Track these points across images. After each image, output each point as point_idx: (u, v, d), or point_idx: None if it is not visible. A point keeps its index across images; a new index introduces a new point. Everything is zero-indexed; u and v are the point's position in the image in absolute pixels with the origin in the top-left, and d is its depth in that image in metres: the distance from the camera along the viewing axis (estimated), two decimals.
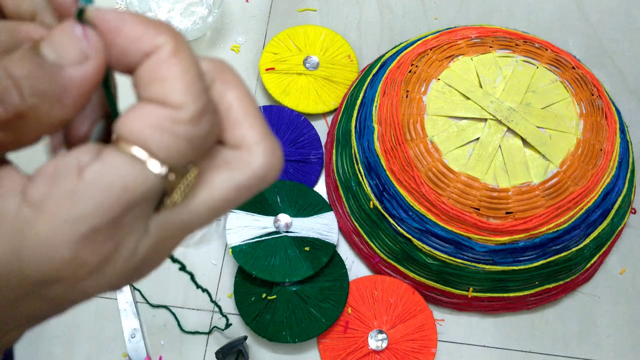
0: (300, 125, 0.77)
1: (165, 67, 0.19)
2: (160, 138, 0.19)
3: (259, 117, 0.21)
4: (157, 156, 0.19)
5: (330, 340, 0.66)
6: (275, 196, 0.70)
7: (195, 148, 0.20)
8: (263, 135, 0.21)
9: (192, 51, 0.20)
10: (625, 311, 0.70)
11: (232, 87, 0.21)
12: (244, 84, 0.22)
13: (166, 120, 0.19)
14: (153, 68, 0.19)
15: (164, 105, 0.19)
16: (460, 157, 0.61)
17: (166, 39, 0.19)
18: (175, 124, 0.19)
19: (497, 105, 0.63)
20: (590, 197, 0.62)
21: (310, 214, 0.70)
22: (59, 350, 0.68)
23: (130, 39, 0.19)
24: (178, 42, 0.19)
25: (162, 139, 0.19)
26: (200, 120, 0.19)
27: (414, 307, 0.67)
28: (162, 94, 0.19)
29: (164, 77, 0.19)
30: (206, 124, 0.19)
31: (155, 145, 0.19)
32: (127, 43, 0.19)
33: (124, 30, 0.19)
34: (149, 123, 0.19)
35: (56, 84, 0.18)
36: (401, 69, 0.68)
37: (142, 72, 0.19)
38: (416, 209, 0.62)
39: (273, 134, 0.21)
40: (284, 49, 0.81)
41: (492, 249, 0.61)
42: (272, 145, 0.21)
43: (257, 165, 0.21)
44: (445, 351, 0.67)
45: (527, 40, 0.69)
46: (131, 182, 0.19)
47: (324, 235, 0.68)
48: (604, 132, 0.64)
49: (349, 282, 0.68)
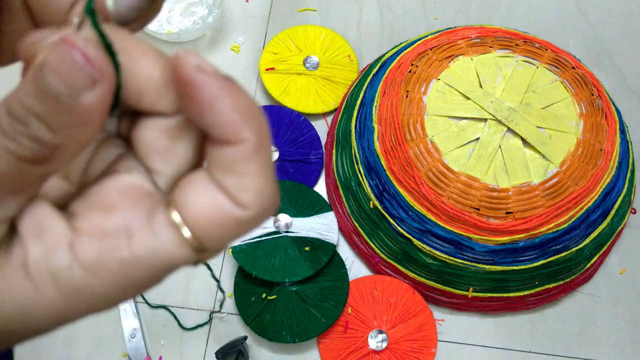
0: (300, 125, 0.77)
1: (245, 164, 0.19)
2: (219, 234, 0.19)
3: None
4: (208, 247, 0.20)
5: (330, 340, 0.66)
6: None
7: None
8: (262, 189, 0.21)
9: (270, 147, 0.20)
10: (625, 311, 0.70)
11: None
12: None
13: (231, 221, 0.19)
14: (233, 159, 0.19)
15: (234, 202, 0.19)
16: (460, 157, 0.61)
17: (252, 135, 0.19)
18: (238, 225, 0.19)
19: (497, 105, 0.63)
20: (590, 197, 0.62)
21: (310, 213, 0.70)
22: (59, 351, 0.68)
23: (219, 120, 0.19)
24: (263, 139, 0.19)
25: (220, 236, 0.19)
26: (259, 222, 0.20)
27: (414, 307, 0.67)
28: (235, 189, 0.19)
29: (241, 173, 0.19)
30: (261, 222, 0.20)
31: (210, 239, 0.19)
32: (214, 122, 0.19)
33: (216, 109, 0.18)
34: (215, 219, 0.19)
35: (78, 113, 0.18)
36: (401, 69, 0.68)
37: (221, 156, 0.19)
38: (416, 209, 0.62)
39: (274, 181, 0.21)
40: (284, 49, 0.81)
41: (492, 249, 0.61)
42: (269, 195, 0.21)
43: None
44: (445, 351, 0.67)
45: (527, 40, 0.69)
46: (177, 260, 0.19)
47: (324, 235, 0.68)
48: (604, 132, 0.64)
49: (349, 282, 0.68)
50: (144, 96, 0.20)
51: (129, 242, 0.19)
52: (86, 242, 0.19)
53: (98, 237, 0.19)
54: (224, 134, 0.19)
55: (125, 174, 0.21)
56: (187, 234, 0.19)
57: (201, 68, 0.18)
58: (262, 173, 0.19)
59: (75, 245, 0.19)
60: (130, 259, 0.19)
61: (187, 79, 0.18)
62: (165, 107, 0.21)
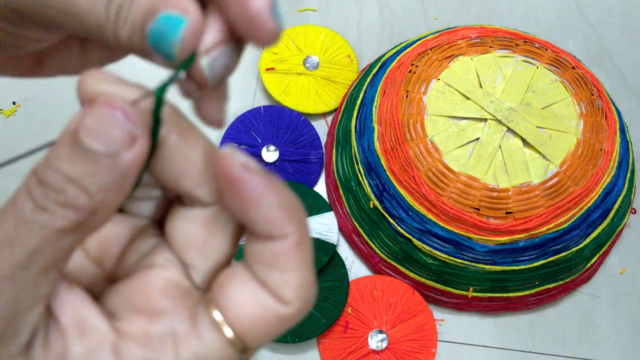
0: (300, 125, 0.77)
1: (287, 259, 0.19)
2: (263, 333, 0.19)
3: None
4: (250, 346, 0.20)
5: (330, 340, 0.66)
6: None
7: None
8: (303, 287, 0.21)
9: (311, 240, 0.20)
10: (625, 311, 0.70)
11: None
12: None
13: (275, 318, 0.19)
14: (275, 255, 0.19)
15: (278, 299, 0.19)
16: (460, 157, 0.61)
17: (294, 230, 0.19)
18: (282, 322, 0.20)
19: (497, 105, 0.63)
20: (590, 197, 0.62)
21: (310, 214, 0.70)
22: None
23: (264, 216, 0.19)
24: (303, 233, 0.20)
25: (264, 334, 0.19)
26: (301, 316, 0.20)
27: (414, 307, 0.67)
28: (278, 285, 0.19)
29: (283, 268, 0.19)
30: (303, 317, 0.20)
31: (254, 338, 0.19)
32: (259, 217, 0.19)
33: (262, 205, 0.19)
34: (260, 318, 0.19)
35: (116, 173, 0.18)
36: (401, 69, 0.68)
37: (264, 251, 0.19)
38: (416, 209, 0.62)
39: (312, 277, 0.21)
40: (283, 49, 0.81)
41: (492, 249, 0.61)
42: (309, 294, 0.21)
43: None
44: (445, 351, 0.67)
45: (527, 40, 0.69)
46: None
47: (324, 236, 0.68)
48: (604, 132, 0.64)
49: (349, 282, 0.68)
50: (185, 178, 0.21)
51: (175, 347, 0.19)
52: (132, 348, 0.19)
53: (144, 344, 0.19)
54: (268, 230, 0.19)
55: (162, 269, 0.21)
56: (230, 333, 0.19)
57: (247, 166, 0.19)
58: (304, 267, 0.19)
59: (121, 349, 0.19)
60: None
61: (233, 176, 0.19)
62: (203, 195, 0.21)
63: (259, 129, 0.76)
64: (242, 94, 0.81)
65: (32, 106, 0.80)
